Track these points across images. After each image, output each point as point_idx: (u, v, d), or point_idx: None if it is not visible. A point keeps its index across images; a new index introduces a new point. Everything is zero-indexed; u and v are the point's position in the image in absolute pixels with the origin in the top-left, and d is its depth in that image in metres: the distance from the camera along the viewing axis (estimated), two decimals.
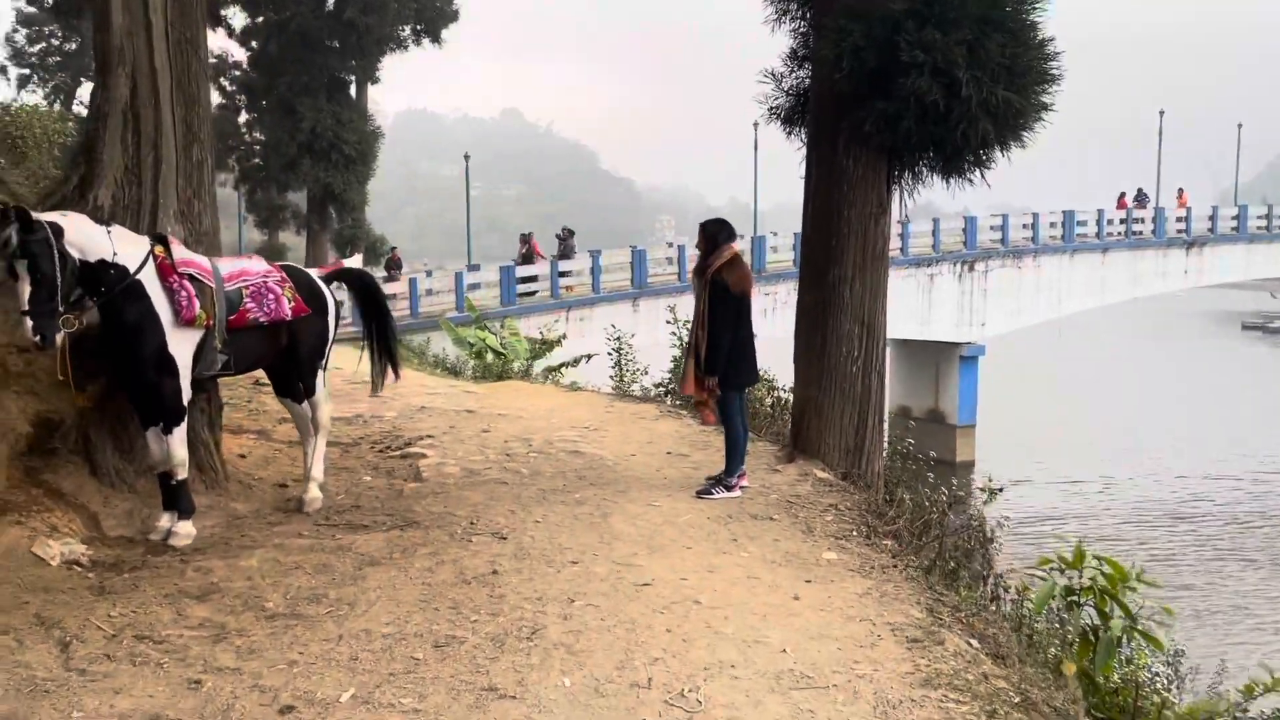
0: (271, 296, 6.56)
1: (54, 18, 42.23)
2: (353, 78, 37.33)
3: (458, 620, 4.79)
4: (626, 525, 6.47)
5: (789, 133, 8.31)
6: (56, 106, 48.85)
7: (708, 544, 6.19)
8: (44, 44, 48.17)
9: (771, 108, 8.40)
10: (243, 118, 41.44)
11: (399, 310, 28.45)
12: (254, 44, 37.75)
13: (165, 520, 6.29)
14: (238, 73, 40.20)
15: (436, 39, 37.15)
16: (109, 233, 5.82)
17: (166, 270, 6.03)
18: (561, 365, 19.10)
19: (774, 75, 8.35)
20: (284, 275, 6.78)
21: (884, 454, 8.57)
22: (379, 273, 33.95)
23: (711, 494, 7.35)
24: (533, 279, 30.26)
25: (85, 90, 50.52)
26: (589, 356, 19.56)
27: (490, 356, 21.13)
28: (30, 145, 19.34)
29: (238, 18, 36.32)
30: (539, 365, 20.60)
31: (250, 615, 4.93)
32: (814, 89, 8.03)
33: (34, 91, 48.38)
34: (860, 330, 7.93)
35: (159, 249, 6.10)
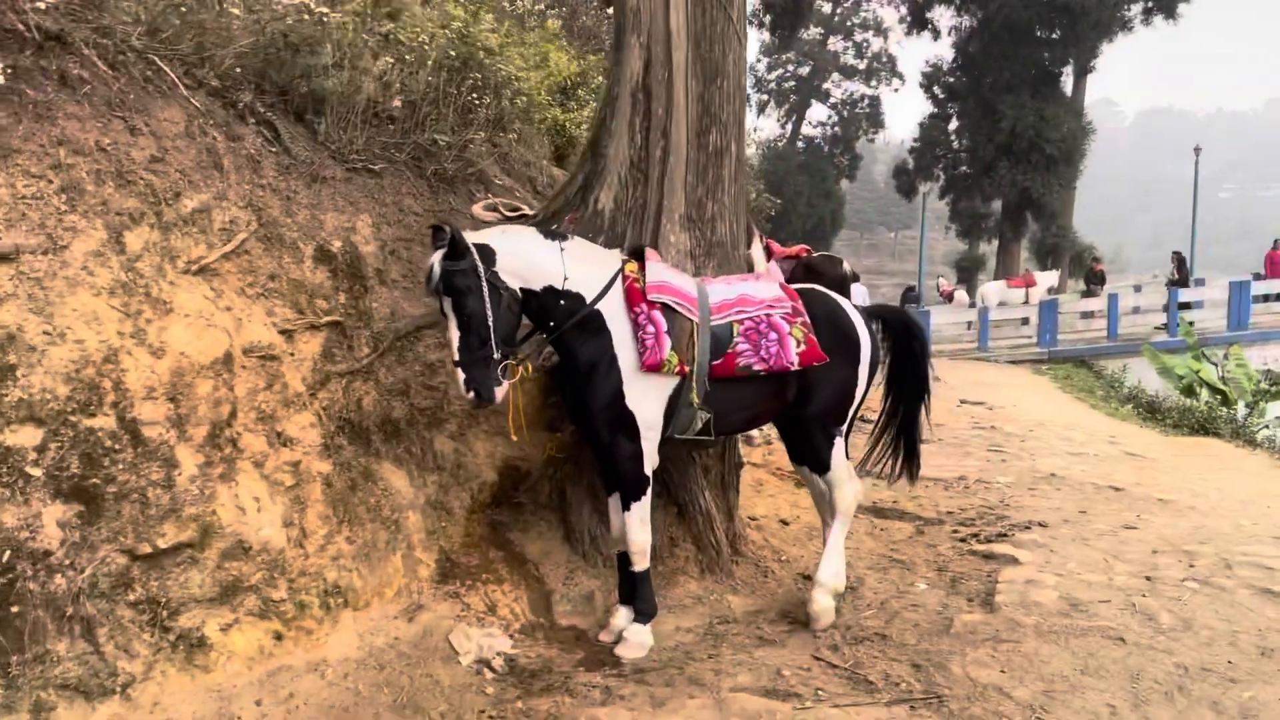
0: (774, 336, 4.68)
1: (788, 44, 45.34)
2: (1066, 68, 33.78)
3: None
4: None
5: None
6: (787, 126, 53.03)
7: None
8: (780, 70, 52.42)
9: None
10: (953, 125, 40.33)
11: (1094, 331, 24.78)
12: (969, 47, 36.26)
13: (621, 618, 4.81)
14: (951, 80, 39.14)
15: (1171, 15, 31.95)
16: (561, 250, 4.44)
17: (634, 297, 4.51)
18: None
19: None
20: (799, 306, 4.86)
21: None
22: (1078, 286, 30.25)
23: None
24: (1274, 298, 24.21)
25: (813, 112, 54.11)
26: None
27: (1205, 394, 16.89)
28: None
29: (944, 18, 35.13)
30: (1270, 412, 15.92)
31: None
32: None
33: (769, 115, 53.02)
34: None
35: (631, 268, 4.60)
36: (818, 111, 53.82)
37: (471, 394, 4.21)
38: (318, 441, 4.53)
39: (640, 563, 4.73)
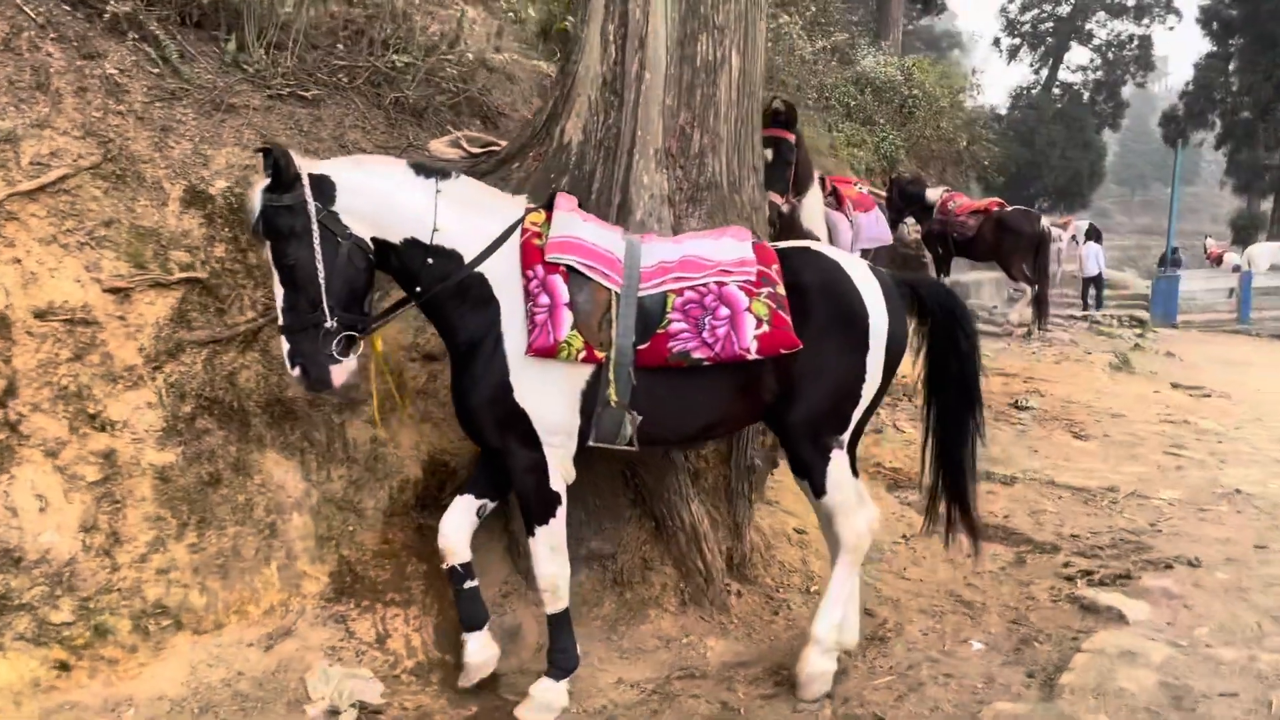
0: (723, 313, 3.38)
1: None
2: None
3: None
4: None
5: None
6: (1042, 72, 48.49)
7: None
8: (1036, 10, 47.95)
9: None
10: (1234, 65, 35.35)
11: None
12: None
13: (471, 649, 3.72)
14: (1233, 12, 34.24)
15: None
16: (436, 191, 3.35)
17: (530, 258, 3.36)
18: None
19: None
20: (771, 272, 3.49)
21: None
22: None
23: None
24: None
25: (1073, 56, 48.92)
26: None
27: None
28: (919, 104, 17.94)
29: None
30: None
31: None
32: None
33: (1020, 60, 48.67)
34: None
35: (535, 219, 3.45)
36: (1078, 55, 48.84)
37: (298, 371, 3.26)
38: (156, 425, 3.70)
39: (552, 603, 3.64)
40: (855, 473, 3.80)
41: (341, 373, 3.30)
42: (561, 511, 3.55)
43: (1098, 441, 7.34)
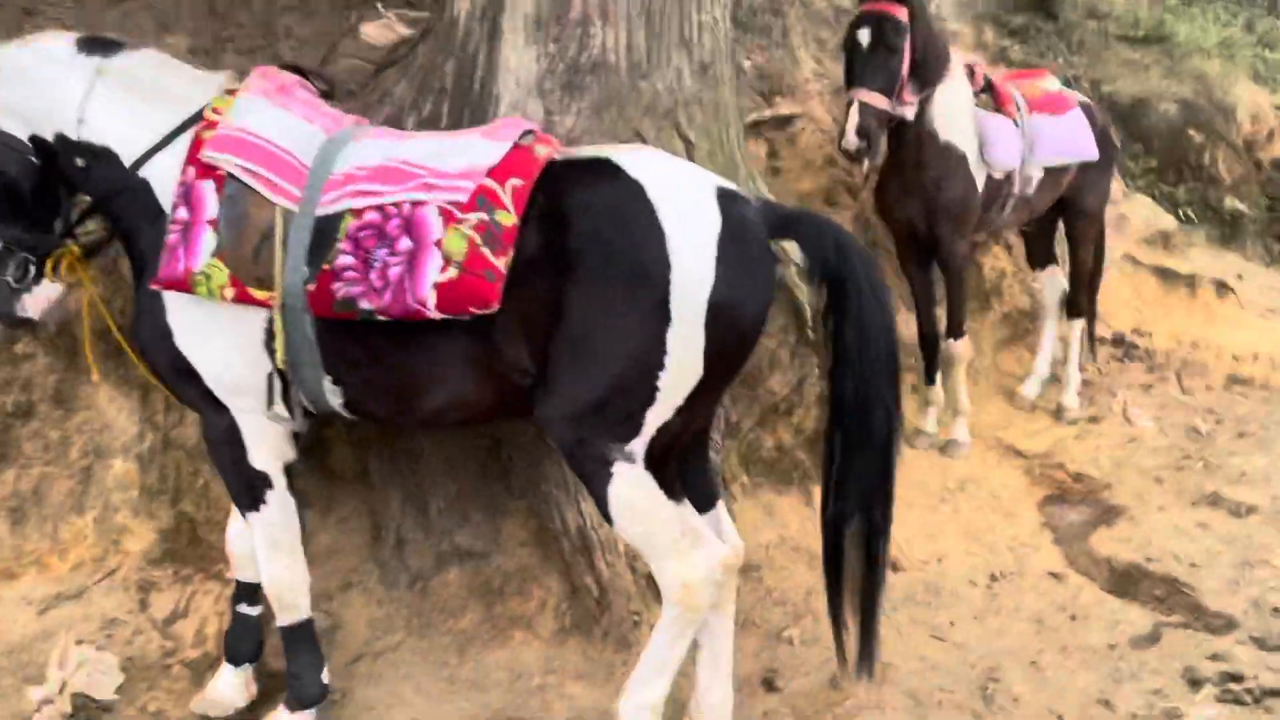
0: (403, 246, 2.27)
1: None
2: None
3: None
4: None
5: None
6: None
7: None
8: None
9: None
10: None
11: None
12: None
13: (217, 688, 2.96)
14: None
15: None
16: (97, 72, 2.55)
17: (191, 156, 2.47)
18: None
19: None
20: (497, 189, 2.27)
21: None
22: None
23: None
24: None
25: None
26: None
27: None
28: None
29: None
30: None
31: None
32: None
33: None
34: None
35: (221, 104, 2.55)
36: None
37: None
38: None
39: (281, 613, 2.80)
40: (679, 494, 2.52)
41: (37, 303, 2.67)
42: (275, 497, 2.67)
43: None
